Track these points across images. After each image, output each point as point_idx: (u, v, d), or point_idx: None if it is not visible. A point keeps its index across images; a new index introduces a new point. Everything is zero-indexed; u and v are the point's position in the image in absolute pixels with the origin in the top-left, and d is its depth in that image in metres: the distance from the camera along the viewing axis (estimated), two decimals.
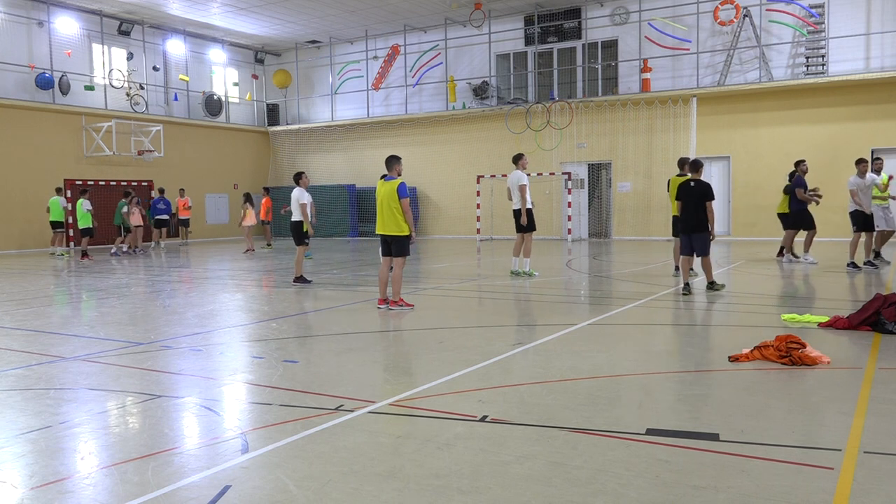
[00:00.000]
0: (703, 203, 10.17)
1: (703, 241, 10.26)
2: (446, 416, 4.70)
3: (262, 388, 5.55)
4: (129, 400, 5.29)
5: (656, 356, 6.54)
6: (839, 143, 20.60)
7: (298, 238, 12.53)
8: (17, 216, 22.41)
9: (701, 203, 10.18)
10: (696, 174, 10.42)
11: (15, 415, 4.94)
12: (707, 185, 10.25)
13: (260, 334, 8.03)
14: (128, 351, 7.06)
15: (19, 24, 22.91)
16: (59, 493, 3.58)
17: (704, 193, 10.17)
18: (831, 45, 21.08)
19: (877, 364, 5.97)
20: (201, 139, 28.33)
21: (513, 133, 24.86)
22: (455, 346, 7.06)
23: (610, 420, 4.60)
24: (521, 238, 12.79)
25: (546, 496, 3.42)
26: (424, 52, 27.49)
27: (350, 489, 3.54)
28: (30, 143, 22.75)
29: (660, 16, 23.35)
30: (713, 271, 10.70)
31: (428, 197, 27.68)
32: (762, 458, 3.84)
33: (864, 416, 4.56)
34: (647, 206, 23.68)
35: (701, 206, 10.18)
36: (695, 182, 10.27)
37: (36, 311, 9.98)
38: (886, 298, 7.42)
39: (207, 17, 25.75)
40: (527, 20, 25.68)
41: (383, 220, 9.28)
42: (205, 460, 4.00)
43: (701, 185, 10.22)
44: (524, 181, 12.45)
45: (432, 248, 22.07)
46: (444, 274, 14.34)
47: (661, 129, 23.27)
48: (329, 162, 29.76)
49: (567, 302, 10.56)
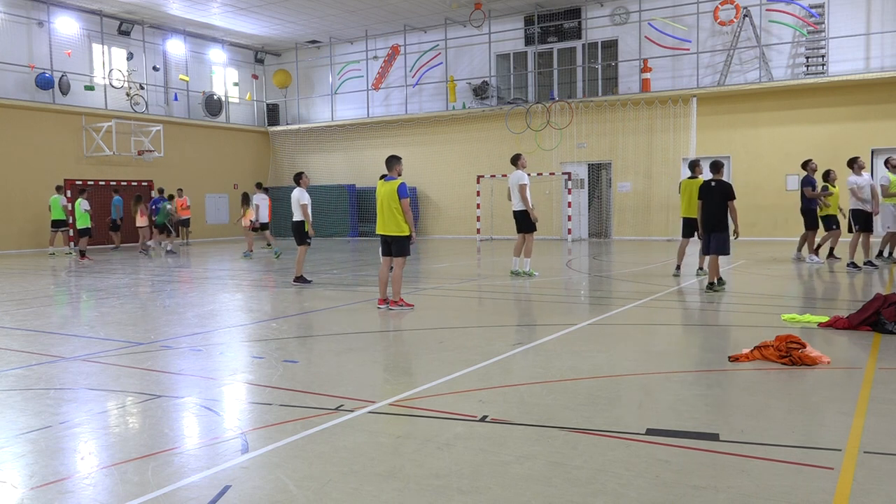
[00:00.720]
0: (724, 203, 10.41)
1: (723, 240, 10.51)
2: (446, 416, 4.70)
3: (262, 388, 5.55)
4: (129, 400, 5.29)
5: (656, 356, 6.54)
6: (839, 143, 20.59)
7: (300, 238, 12.54)
8: (17, 216, 22.42)
9: (722, 203, 10.41)
10: (717, 174, 10.66)
11: (15, 415, 4.94)
12: (728, 184, 10.50)
13: (260, 334, 8.02)
14: (128, 351, 7.06)
15: (19, 24, 22.91)
16: (59, 493, 3.58)
17: (726, 193, 10.40)
18: (831, 45, 21.08)
19: (877, 364, 5.97)
20: (201, 139, 28.33)
21: (513, 133, 24.86)
22: (455, 346, 7.06)
23: (610, 420, 4.60)
24: (522, 238, 12.79)
25: (546, 496, 3.42)
26: (424, 52, 27.49)
27: (350, 489, 3.54)
28: (30, 143, 22.75)
29: (660, 16, 23.35)
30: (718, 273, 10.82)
31: (428, 197, 27.69)
32: (762, 458, 3.84)
33: (864, 416, 4.56)
34: (647, 206, 23.68)
35: (722, 206, 10.41)
36: (716, 182, 10.52)
37: (36, 311, 9.98)
38: (886, 298, 7.42)
39: (207, 17, 25.75)
40: (527, 20, 25.68)
41: (384, 221, 9.28)
42: (205, 460, 4.00)
43: (722, 185, 10.46)
44: (524, 181, 12.45)
45: (432, 248, 22.07)
46: (444, 274, 14.34)
47: (661, 129, 23.28)
48: (329, 162, 29.76)
49: (567, 302, 10.56)
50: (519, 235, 12.81)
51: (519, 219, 12.63)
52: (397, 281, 9.41)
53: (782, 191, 21.60)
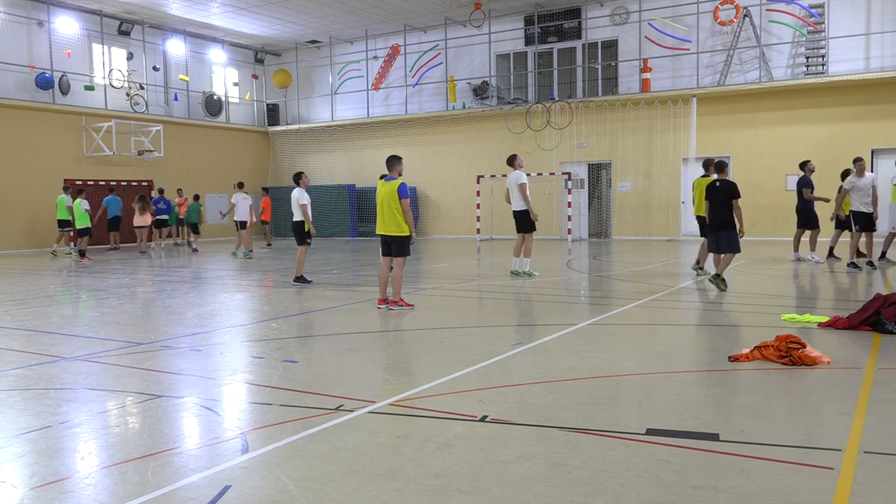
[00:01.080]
0: (728, 202, 10.56)
1: (732, 238, 10.65)
2: (446, 416, 4.70)
3: (262, 388, 5.55)
4: (129, 400, 5.29)
5: (656, 356, 6.54)
6: (839, 143, 20.59)
7: (300, 238, 12.54)
8: (16, 216, 22.41)
9: (727, 202, 10.56)
10: (722, 174, 10.81)
11: (15, 415, 4.94)
12: (732, 183, 10.67)
13: (260, 334, 8.03)
14: (128, 351, 7.06)
15: (19, 24, 22.91)
16: (59, 493, 3.58)
17: (730, 192, 10.56)
18: (831, 45, 21.08)
19: (877, 364, 5.97)
20: (201, 139, 28.33)
21: (513, 133, 24.86)
22: (455, 346, 7.06)
23: (610, 420, 4.60)
24: (522, 238, 12.79)
25: (546, 496, 3.42)
26: (424, 52, 27.49)
27: (350, 489, 3.54)
28: (30, 143, 22.74)
29: (660, 16, 23.35)
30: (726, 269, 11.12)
31: (428, 197, 27.68)
32: (762, 458, 3.84)
33: (864, 416, 4.56)
34: (647, 206, 23.68)
35: (726, 205, 10.57)
36: (720, 182, 10.69)
37: (36, 311, 9.97)
38: (886, 298, 7.42)
39: (207, 17, 25.75)
40: (527, 20, 25.68)
41: (384, 221, 9.29)
42: (205, 460, 4.00)
43: (726, 185, 10.64)
44: (523, 180, 12.46)
45: (432, 248, 22.07)
46: (444, 274, 14.34)
47: (661, 129, 23.27)
48: (329, 162, 29.76)
49: (567, 302, 10.56)
50: (518, 235, 12.82)
51: (519, 219, 12.64)
52: (397, 281, 9.42)
53: (782, 191, 21.59)
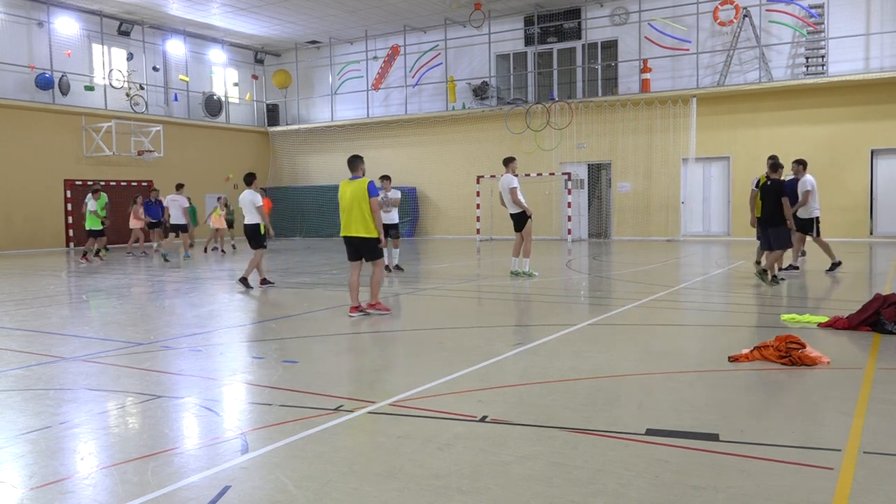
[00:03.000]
0: (778, 200, 11.00)
1: (777, 234, 11.06)
2: (446, 416, 4.70)
3: (262, 389, 5.55)
4: (129, 400, 5.29)
5: (656, 356, 6.54)
6: (839, 144, 20.60)
7: (256, 241, 12.02)
8: (16, 216, 22.41)
9: (777, 200, 11.01)
10: (774, 174, 11.18)
11: (15, 415, 4.94)
12: (780, 182, 11.12)
13: (259, 334, 8.02)
14: (128, 351, 7.06)
15: (19, 24, 22.92)
16: (59, 493, 3.58)
17: (777, 191, 11.01)
18: (831, 45, 21.08)
19: (877, 364, 5.97)
20: (201, 139, 28.33)
21: (512, 133, 24.86)
22: (455, 346, 7.06)
23: (610, 420, 4.59)
24: (521, 238, 12.79)
25: (546, 496, 3.42)
26: (424, 52, 27.50)
27: (350, 489, 3.54)
28: (30, 143, 22.75)
29: (660, 16, 23.35)
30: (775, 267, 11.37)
31: (428, 197, 27.68)
32: (762, 458, 3.84)
33: (864, 416, 4.56)
34: (647, 207, 23.68)
35: (777, 203, 11.01)
36: (771, 181, 11.14)
37: (36, 312, 9.97)
38: (886, 298, 7.42)
39: (207, 17, 25.76)
40: (527, 20, 25.68)
41: (351, 222, 8.73)
42: (205, 460, 4.00)
43: (774, 184, 11.07)
44: (514, 184, 12.39)
45: (432, 248, 22.07)
46: (444, 274, 14.34)
47: (660, 129, 23.27)
48: (329, 162, 29.73)
49: (567, 302, 10.55)
50: (518, 235, 12.82)
51: (516, 220, 12.64)
52: (377, 284, 9.02)
53: None
